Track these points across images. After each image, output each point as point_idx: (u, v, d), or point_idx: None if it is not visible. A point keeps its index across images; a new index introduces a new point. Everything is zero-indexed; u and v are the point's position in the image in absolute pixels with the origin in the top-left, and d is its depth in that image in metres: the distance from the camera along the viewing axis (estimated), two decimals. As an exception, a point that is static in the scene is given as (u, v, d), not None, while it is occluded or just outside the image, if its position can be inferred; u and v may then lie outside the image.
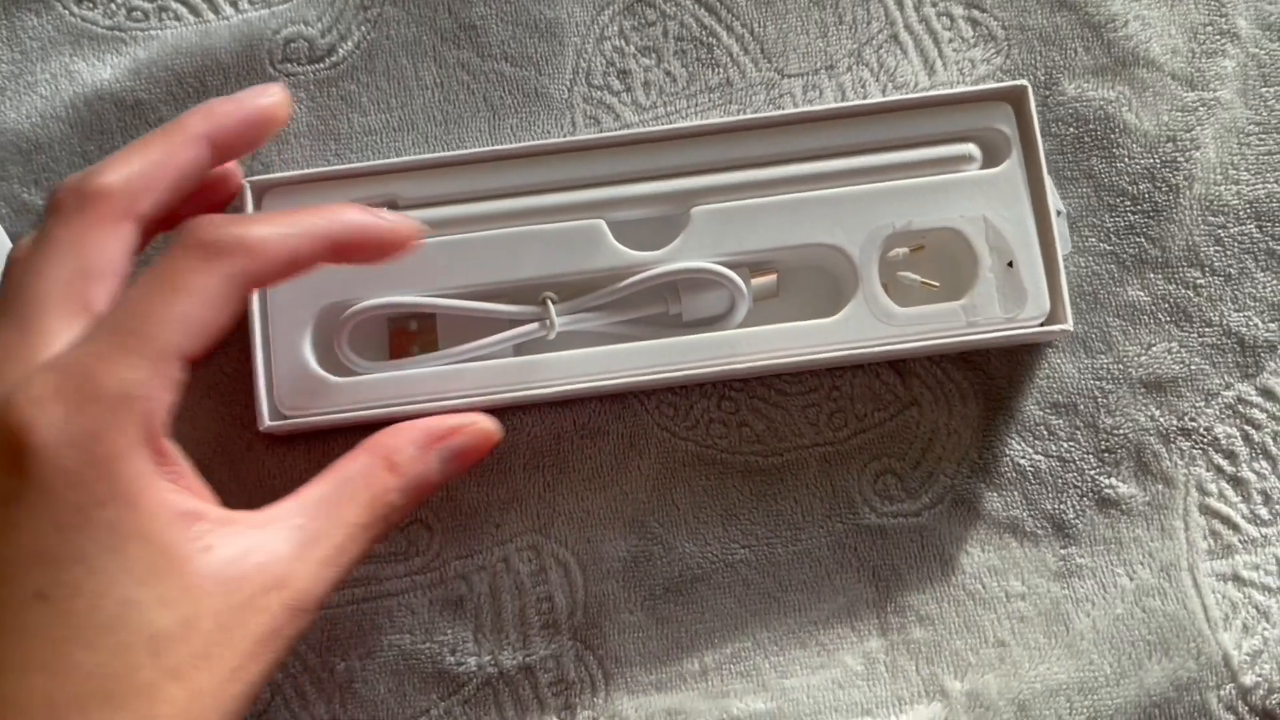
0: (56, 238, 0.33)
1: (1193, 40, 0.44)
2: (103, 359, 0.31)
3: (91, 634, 0.29)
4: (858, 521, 0.42)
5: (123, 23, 0.46)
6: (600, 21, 0.45)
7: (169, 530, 0.30)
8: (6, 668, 0.29)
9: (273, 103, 0.38)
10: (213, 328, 0.32)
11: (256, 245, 0.33)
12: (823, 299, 0.42)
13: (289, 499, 0.34)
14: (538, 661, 0.42)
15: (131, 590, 0.30)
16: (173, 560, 0.30)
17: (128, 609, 0.30)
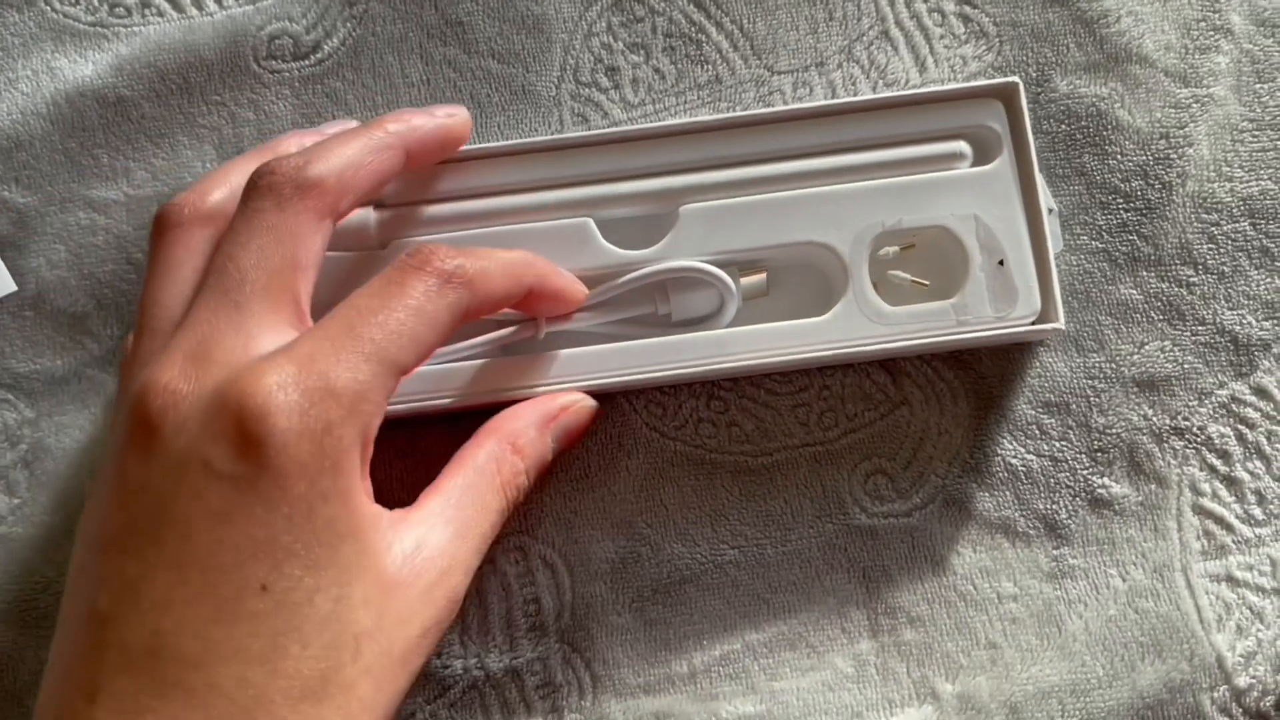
0: (271, 224, 0.34)
1: (1186, 36, 0.44)
2: (339, 358, 0.31)
3: (307, 631, 0.30)
4: (848, 522, 0.42)
5: (105, 19, 0.45)
6: (588, 18, 0.45)
7: (370, 530, 0.32)
8: (222, 657, 0.29)
9: (460, 121, 0.39)
10: (429, 350, 0.34)
11: (480, 282, 0.35)
12: (813, 297, 0.42)
13: (433, 492, 0.35)
14: (525, 664, 0.41)
15: (343, 589, 0.31)
16: (371, 559, 0.32)
17: (339, 607, 0.31)
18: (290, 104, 0.44)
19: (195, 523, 0.30)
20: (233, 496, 0.30)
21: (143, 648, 0.29)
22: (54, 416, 0.43)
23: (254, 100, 0.44)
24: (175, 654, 0.29)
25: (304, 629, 0.30)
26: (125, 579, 0.30)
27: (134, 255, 0.43)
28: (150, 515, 0.30)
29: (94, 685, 0.29)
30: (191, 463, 0.30)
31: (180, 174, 0.44)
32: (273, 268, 0.33)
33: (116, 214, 0.44)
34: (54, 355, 0.43)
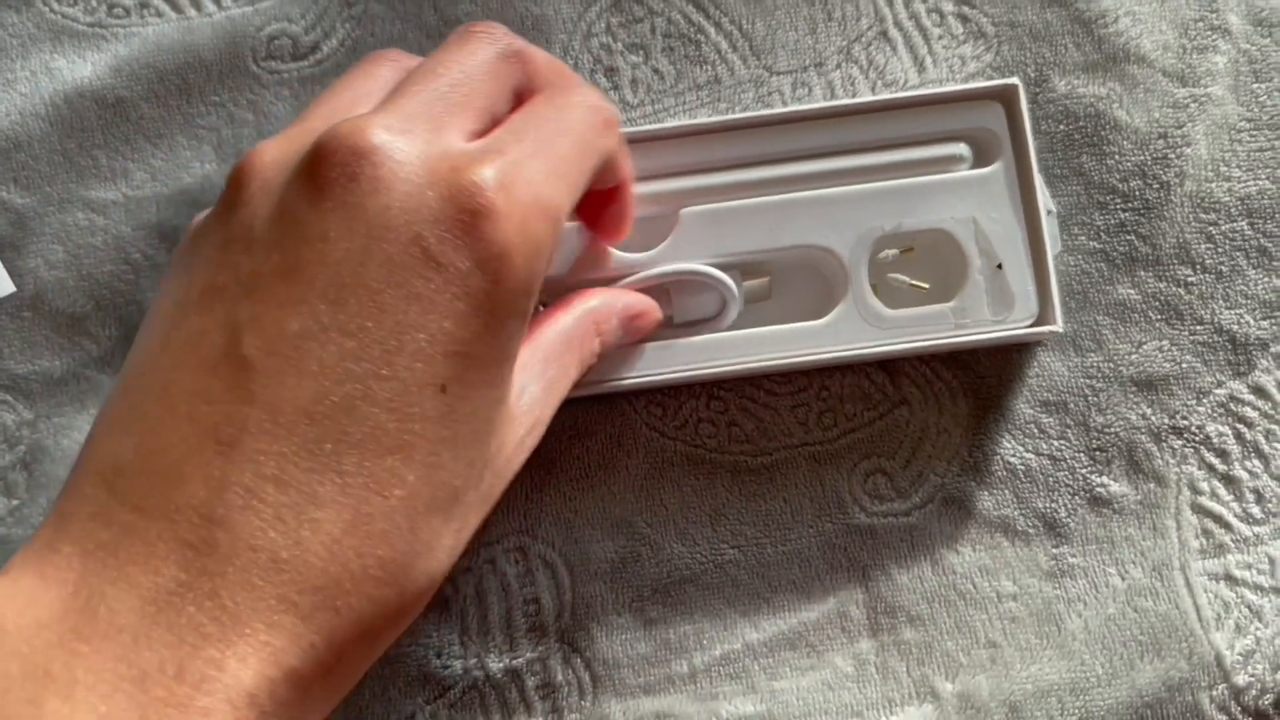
0: (485, 58, 0.33)
1: (1184, 36, 0.44)
2: (549, 183, 0.31)
3: (460, 443, 0.29)
4: (848, 521, 0.42)
5: (104, 19, 0.45)
6: (587, 18, 0.45)
7: (512, 362, 0.31)
8: (385, 447, 0.28)
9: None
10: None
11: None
12: (812, 300, 0.42)
13: (530, 345, 0.34)
14: (525, 664, 0.41)
15: (493, 410, 0.30)
16: (510, 388, 0.31)
17: (491, 426, 0.30)
18: (289, 104, 0.44)
19: (388, 296, 0.28)
20: (439, 284, 0.28)
21: (299, 411, 0.27)
22: (52, 418, 0.43)
23: (253, 101, 0.44)
24: (336, 430, 0.27)
25: (459, 441, 0.29)
26: (285, 332, 0.28)
27: (132, 256, 0.43)
28: (330, 272, 0.28)
29: (230, 437, 0.27)
30: (400, 232, 0.28)
31: (179, 175, 0.44)
32: (484, 95, 0.32)
33: (115, 215, 0.44)
34: (52, 356, 0.43)
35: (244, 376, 0.27)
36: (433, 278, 0.28)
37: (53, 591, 0.26)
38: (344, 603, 0.27)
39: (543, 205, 0.30)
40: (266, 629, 0.26)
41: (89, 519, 0.27)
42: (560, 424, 0.42)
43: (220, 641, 0.26)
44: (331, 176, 0.29)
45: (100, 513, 0.27)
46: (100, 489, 0.27)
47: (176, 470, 0.27)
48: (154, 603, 0.26)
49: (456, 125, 0.31)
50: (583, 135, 0.33)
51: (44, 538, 0.27)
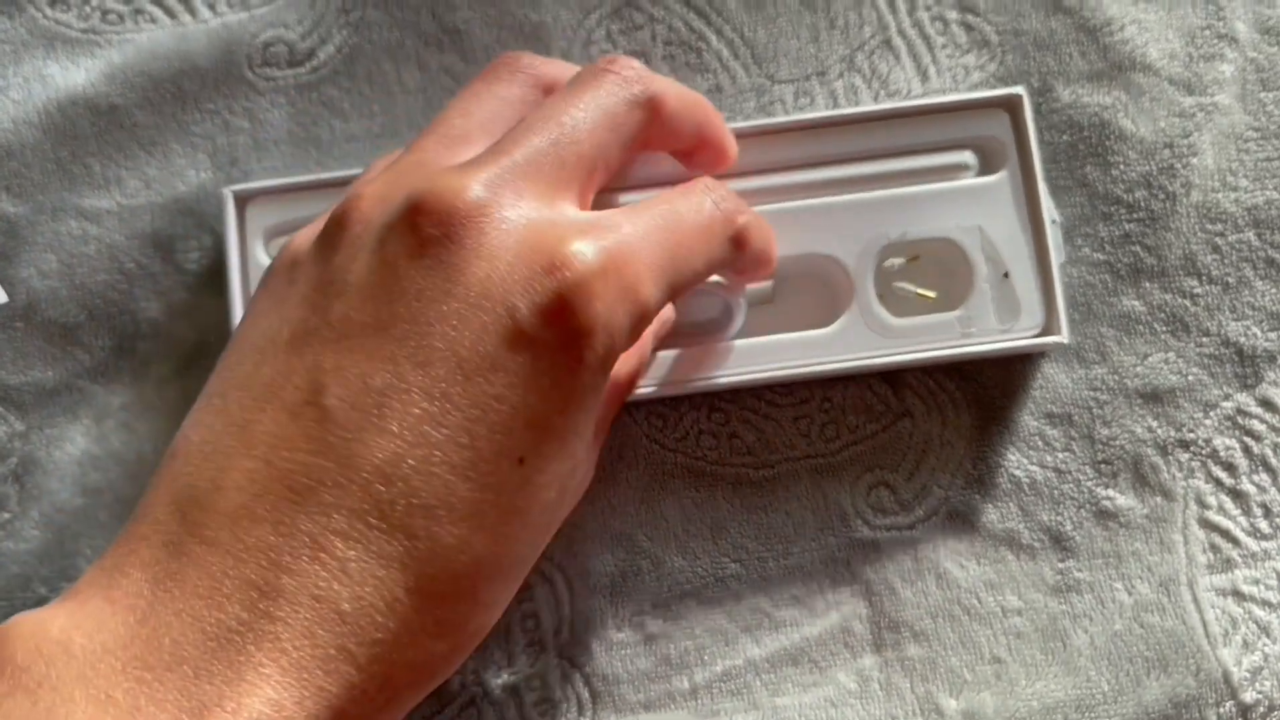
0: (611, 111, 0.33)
1: (1190, 44, 0.44)
2: (649, 279, 0.31)
3: (535, 513, 0.30)
4: (851, 535, 0.42)
5: (97, 25, 0.45)
6: (587, 25, 0.44)
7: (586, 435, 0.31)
8: (457, 514, 0.28)
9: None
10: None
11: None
12: (817, 309, 0.42)
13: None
14: (523, 680, 0.41)
15: (566, 481, 0.31)
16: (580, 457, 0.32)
17: (562, 497, 0.31)
18: (285, 112, 0.44)
19: (475, 365, 0.28)
20: (526, 358, 0.29)
21: (374, 469, 0.28)
22: (44, 429, 0.43)
23: (248, 108, 0.44)
24: (408, 491, 0.28)
25: (531, 512, 0.29)
26: (369, 387, 0.28)
27: (126, 265, 0.43)
28: (421, 333, 0.28)
29: (303, 486, 0.28)
30: (496, 302, 0.28)
31: (174, 183, 0.44)
32: (599, 148, 0.32)
33: (109, 223, 0.43)
34: (44, 367, 0.43)
35: (323, 427, 0.28)
36: (521, 352, 0.28)
37: (119, 617, 0.27)
38: (400, 656, 0.28)
39: (636, 299, 0.30)
40: (324, 675, 0.27)
41: (161, 546, 0.28)
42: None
43: (279, 683, 0.26)
44: (432, 235, 0.29)
45: (172, 541, 0.28)
46: (173, 516, 0.28)
47: (249, 511, 0.28)
48: (216, 639, 0.26)
49: (568, 188, 0.31)
50: (698, 242, 0.33)
51: (114, 558, 0.28)
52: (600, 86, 0.33)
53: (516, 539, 0.29)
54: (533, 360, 0.29)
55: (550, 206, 0.30)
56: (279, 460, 0.28)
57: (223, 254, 0.43)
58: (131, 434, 0.42)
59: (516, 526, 0.29)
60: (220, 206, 0.43)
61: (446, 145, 0.32)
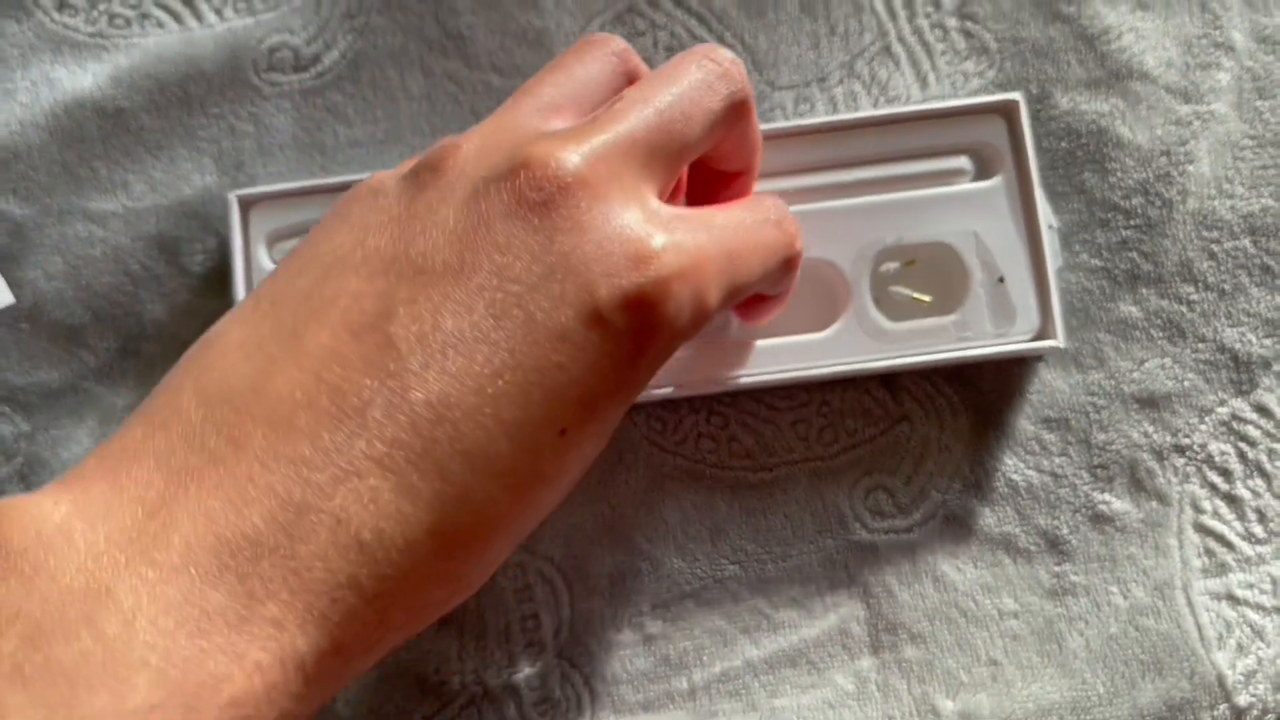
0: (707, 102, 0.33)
1: (1187, 53, 0.44)
2: (717, 283, 0.31)
3: (562, 484, 0.30)
4: (849, 538, 0.42)
5: (104, 30, 0.45)
6: (589, 31, 0.45)
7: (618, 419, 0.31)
8: (494, 472, 0.28)
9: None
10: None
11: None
12: (814, 312, 0.42)
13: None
14: (523, 680, 0.41)
15: (594, 458, 0.31)
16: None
17: (579, 478, 0.31)
18: (290, 116, 0.44)
19: (547, 331, 0.28)
20: (594, 337, 0.29)
21: (427, 406, 0.27)
22: (49, 430, 0.43)
23: (254, 113, 0.44)
24: (454, 436, 0.27)
25: (559, 481, 0.29)
26: (440, 326, 0.28)
27: (131, 267, 0.43)
28: (501, 287, 0.28)
29: (352, 406, 0.27)
30: (578, 277, 0.29)
31: (179, 186, 0.44)
32: (692, 137, 0.32)
33: (114, 226, 0.44)
34: (50, 368, 0.43)
35: (384, 353, 0.28)
36: (592, 330, 0.28)
37: (127, 509, 0.26)
38: (403, 596, 0.27)
39: (702, 304, 0.30)
40: (331, 603, 0.26)
41: (181, 439, 0.27)
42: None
43: (285, 603, 0.26)
44: (532, 197, 0.29)
45: (195, 435, 0.27)
46: (200, 408, 0.27)
47: (287, 421, 0.27)
48: (230, 547, 0.26)
49: (657, 174, 0.31)
50: (760, 258, 0.33)
51: (124, 442, 0.27)
52: (702, 76, 0.32)
53: (536, 505, 0.29)
54: (601, 341, 0.29)
55: (641, 192, 0.30)
56: (330, 376, 0.27)
57: (227, 257, 0.43)
58: (136, 434, 0.43)
59: (540, 493, 0.29)
60: (225, 210, 0.43)
61: (540, 112, 0.32)
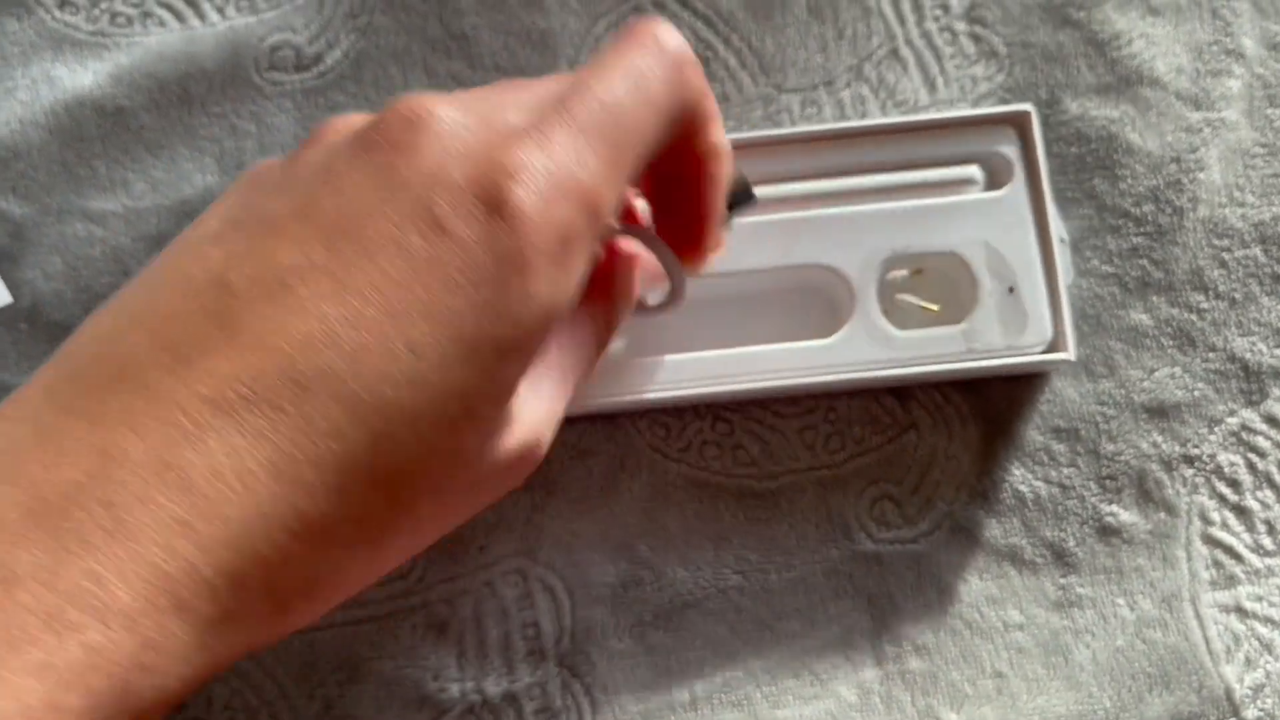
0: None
1: (1198, 59, 0.44)
2: (596, 171, 0.29)
3: (424, 420, 0.27)
4: (854, 548, 0.42)
5: (105, 28, 0.45)
6: (594, 32, 0.45)
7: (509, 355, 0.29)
8: (336, 397, 0.26)
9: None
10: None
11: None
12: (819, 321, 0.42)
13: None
14: (523, 689, 0.41)
15: (480, 403, 0.28)
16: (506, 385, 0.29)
17: (469, 420, 0.28)
18: (292, 116, 0.44)
19: (383, 249, 0.27)
20: (439, 250, 0.27)
21: (258, 340, 0.26)
22: (47, 431, 0.43)
23: (255, 112, 0.44)
24: (289, 367, 0.26)
25: (418, 416, 0.27)
26: (274, 263, 0.27)
27: (131, 268, 0.43)
28: (335, 218, 0.27)
29: (185, 354, 0.26)
30: (414, 191, 0.27)
31: (180, 186, 0.44)
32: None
33: (114, 226, 0.44)
34: (48, 369, 0.43)
35: (220, 300, 0.26)
36: (433, 242, 0.27)
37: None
38: (249, 545, 0.25)
39: (581, 194, 0.28)
40: (160, 549, 0.24)
41: (17, 422, 0.26)
42: (561, 444, 0.42)
43: (102, 554, 0.24)
44: (376, 139, 0.28)
45: (28, 418, 0.26)
46: (41, 394, 0.26)
47: (119, 377, 0.26)
48: (42, 502, 0.24)
49: (515, 102, 0.30)
50: (647, 100, 0.30)
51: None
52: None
53: (394, 444, 0.27)
54: (447, 253, 0.27)
55: (495, 118, 0.29)
56: (166, 331, 0.26)
57: (227, 258, 0.43)
58: (134, 437, 0.43)
59: (399, 427, 0.27)
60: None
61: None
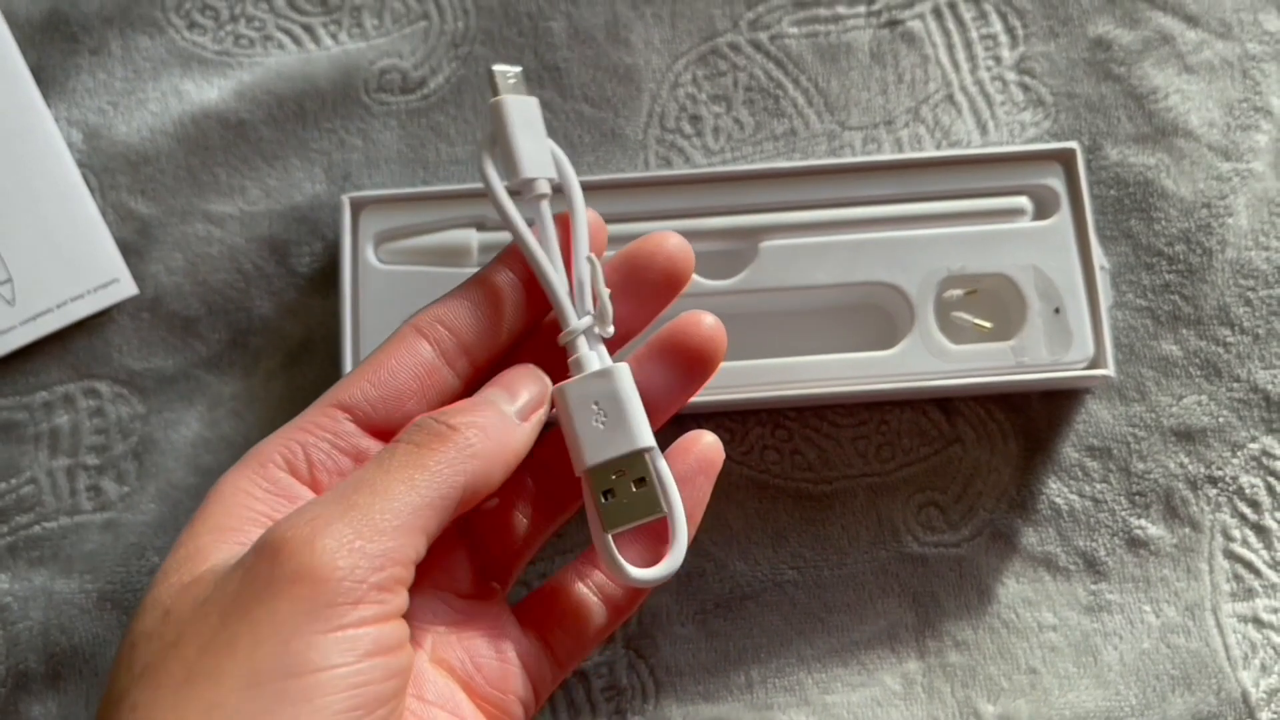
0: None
1: (1229, 115, 0.47)
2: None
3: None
4: (901, 550, 0.44)
5: (230, 49, 0.48)
6: (675, 69, 0.48)
7: (207, 537, 0.30)
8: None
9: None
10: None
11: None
12: (879, 333, 0.44)
13: None
14: (592, 667, 0.43)
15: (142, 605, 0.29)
16: (187, 562, 0.30)
17: (130, 625, 0.29)
18: (396, 134, 0.47)
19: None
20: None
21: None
22: (163, 413, 0.45)
23: (362, 129, 0.47)
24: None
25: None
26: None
27: (244, 266, 0.46)
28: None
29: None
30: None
31: (291, 193, 0.47)
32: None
33: (231, 227, 0.47)
34: (165, 355, 0.46)
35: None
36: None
37: None
38: None
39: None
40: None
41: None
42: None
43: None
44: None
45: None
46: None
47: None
48: None
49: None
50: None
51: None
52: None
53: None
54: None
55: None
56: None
57: (333, 258, 0.46)
58: (241, 421, 0.45)
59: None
60: (333, 215, 0.46)
61: None
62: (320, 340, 0.46)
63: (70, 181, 0.47)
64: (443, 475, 0.29)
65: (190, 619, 0.27)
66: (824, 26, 0.48)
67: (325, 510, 0.28)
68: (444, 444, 0.30)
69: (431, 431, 0.30)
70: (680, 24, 0.48)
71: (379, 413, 0.31)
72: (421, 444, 0.30)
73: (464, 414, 0.30)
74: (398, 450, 0.30)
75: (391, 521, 0.28)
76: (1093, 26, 0.48)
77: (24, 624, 0.44)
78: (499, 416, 0.31)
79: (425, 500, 0.29)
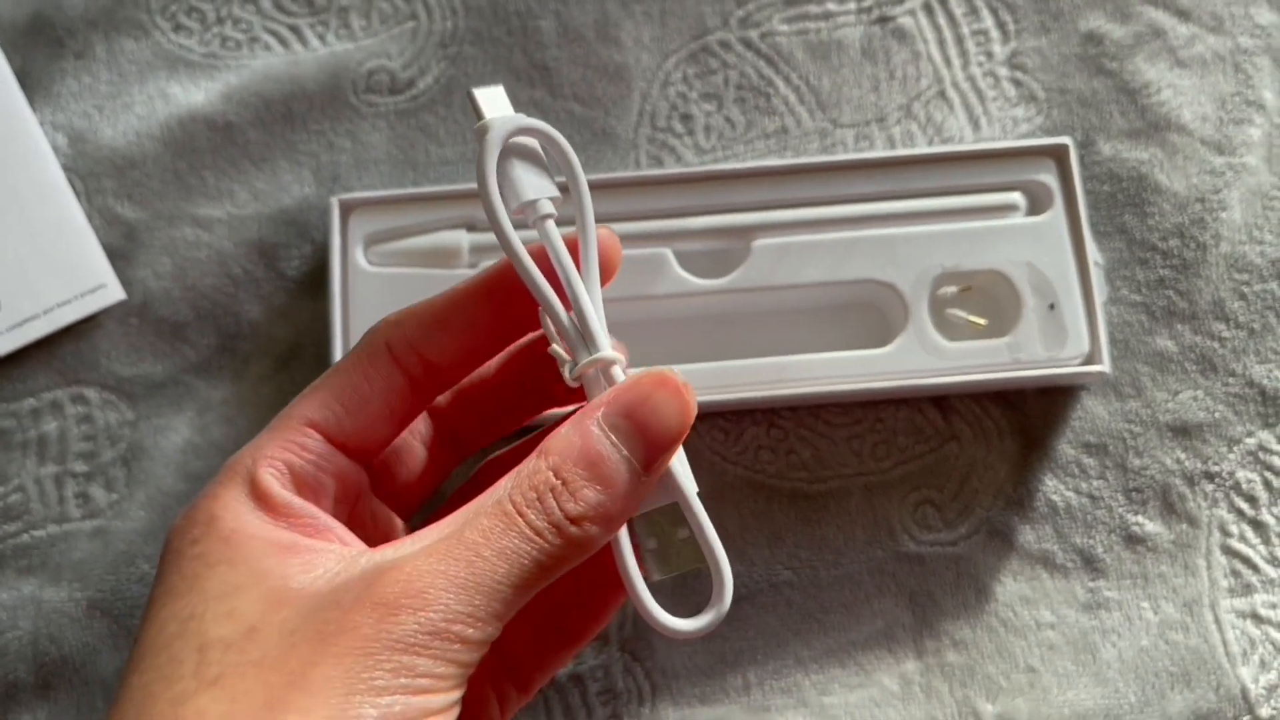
0: None
1: (1221, 109, 0.47)
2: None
3: (149, 658, 0.28)
4: (897, 549, 0.44)
5: (217, 51, 0.48)
6: (665, 68, 0.47)
7: (264, 558, 0.29)
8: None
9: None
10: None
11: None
12: (875, 331, 0.44)
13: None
14: (587, 671, 0.43)
15: (199, 606, 0.28)
16: (258, 579, 0.28)
17: (188, 624, 0.28)
18: (385, 135, 0.47)
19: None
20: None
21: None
22: (152, 419, 0.45)
23: (351, 130, 0.47)
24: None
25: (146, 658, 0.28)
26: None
27: (233, 270, 0.46)
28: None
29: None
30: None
31: (280, 196, 0.46)
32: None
33: (219, 231, 0.46)
34: (154, 361, 0.45)
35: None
36: None
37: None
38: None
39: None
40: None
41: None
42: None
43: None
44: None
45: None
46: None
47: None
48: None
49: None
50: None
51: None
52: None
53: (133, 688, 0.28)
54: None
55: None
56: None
57: (322, 261, 0.45)
58: (231, 426, 0.45)
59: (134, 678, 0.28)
60: (322, 218, 0.46)
61: None
62: (310, 344, 0.45)
63: (56, 186, 0.47)
64: (547, 575, 0.28)
65: (278, 645, 0.27)
66: (814, 24, 0.48)
67: (433, 568, 0.27)
68: (560, 539, 0.28)
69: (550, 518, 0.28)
70: (670, 22, 0.48)
71: (349, 434, 0.31)
72: (531, 540, 0.28)
73: (588, 491, 0.29)
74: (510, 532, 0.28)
75: (497, 609, 0.28)
76: (1084, 21, 0.48)
77: (13, 634, 0.43)
78: (626, 486, 0.29)
79: (522, 595, 0.28)
